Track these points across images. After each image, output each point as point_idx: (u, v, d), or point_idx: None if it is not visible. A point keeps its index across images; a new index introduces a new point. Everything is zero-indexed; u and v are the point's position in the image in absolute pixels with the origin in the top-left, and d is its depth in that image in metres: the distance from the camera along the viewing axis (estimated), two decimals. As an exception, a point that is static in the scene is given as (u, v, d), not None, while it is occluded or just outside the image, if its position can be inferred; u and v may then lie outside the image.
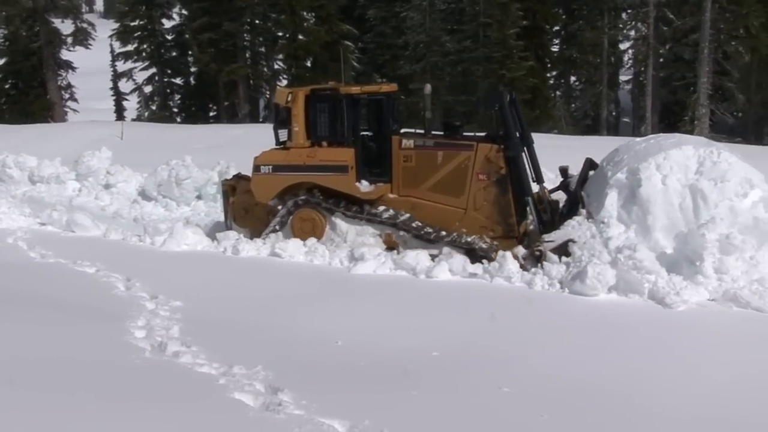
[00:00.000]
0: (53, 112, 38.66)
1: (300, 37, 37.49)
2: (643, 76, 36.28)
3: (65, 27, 40.52)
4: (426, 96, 12.96)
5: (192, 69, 41.57)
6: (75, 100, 40.77)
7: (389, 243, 12.18)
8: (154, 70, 41.27)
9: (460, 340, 8.20)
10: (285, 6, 36.77)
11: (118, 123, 32.47)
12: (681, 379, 7.18)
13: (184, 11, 41.43)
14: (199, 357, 7.36)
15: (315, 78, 32.30)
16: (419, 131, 12.70)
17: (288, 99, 12.38)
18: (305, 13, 37.88)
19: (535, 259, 10.94)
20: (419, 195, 12.20)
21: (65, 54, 40.18)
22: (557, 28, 42.15)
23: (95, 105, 43.05)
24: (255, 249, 12.09)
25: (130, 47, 40.78)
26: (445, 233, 11.86)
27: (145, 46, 40.67)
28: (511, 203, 11.78)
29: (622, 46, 40.94)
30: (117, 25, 41.42)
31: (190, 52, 39.97)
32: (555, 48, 42.30)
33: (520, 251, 11.26)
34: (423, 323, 8.77)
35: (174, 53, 41.80)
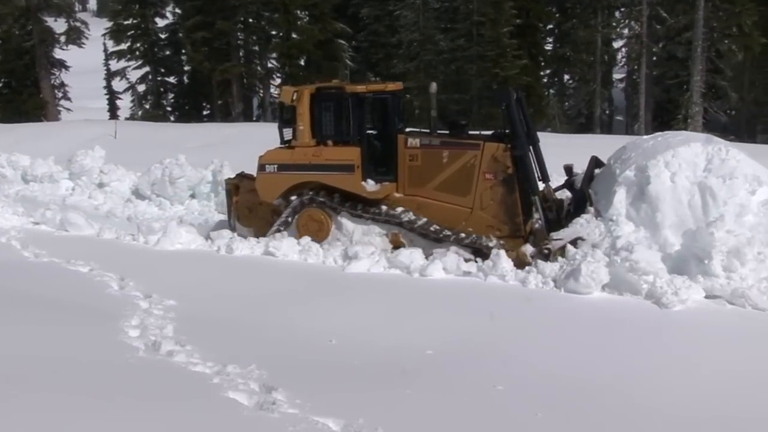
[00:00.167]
0: (46, 111, 38.61)
1: (293, 36, 37.44)
2: (637, 74, 36.38)
3: (58, 26, 40.50)
4: (432, 95, 12.88)
5: (185, 68, 41.54)
6: (68, 98, 40.76)
7: (396, 242, 12.14)
8: (147, 68, 41.20)
9: (454, 338, 8.20)
10: (278, 4, 36.70)
11: (111, 122, 32.44)
12: (676, 377, 7.18)
13: (177, 10, 41.28)
14: (193, 356, 7.35)
15: (309, 77, 32.34)
16: (425, 130, 12.65)
17: (293, 98, 12.31)
18: (299, 12, 37.85)
19: (544, 258, 10.91)
20: (425, 194, 12.16)
21: (58, 53, 40.17)
22: (551, 26, 42.18)
23: (88, 104, 42.97)
24: (249, 248, 12.07)
25: (123, 46, 40.70)
26: (451, 232, 11.81)
27: (139, 44, 40.62)
28: (518, 202, 11.73)
29: (615, 44, 40.99)
30: (110, 24, 41.36)
31: (183, 50, 39.89)
32: (548, 46, 42.30)
33: (528, 250, 11.26)
34: (417, 322, 8.77)
35: (167, 52, 41.72)
